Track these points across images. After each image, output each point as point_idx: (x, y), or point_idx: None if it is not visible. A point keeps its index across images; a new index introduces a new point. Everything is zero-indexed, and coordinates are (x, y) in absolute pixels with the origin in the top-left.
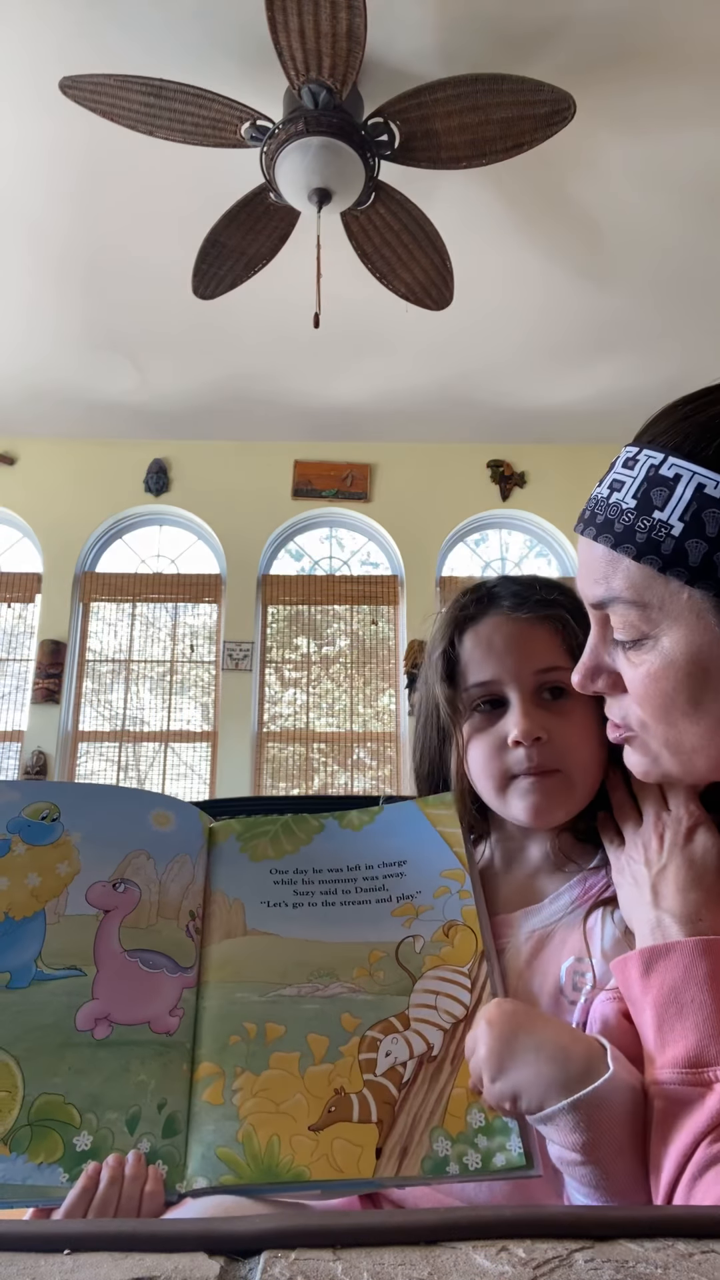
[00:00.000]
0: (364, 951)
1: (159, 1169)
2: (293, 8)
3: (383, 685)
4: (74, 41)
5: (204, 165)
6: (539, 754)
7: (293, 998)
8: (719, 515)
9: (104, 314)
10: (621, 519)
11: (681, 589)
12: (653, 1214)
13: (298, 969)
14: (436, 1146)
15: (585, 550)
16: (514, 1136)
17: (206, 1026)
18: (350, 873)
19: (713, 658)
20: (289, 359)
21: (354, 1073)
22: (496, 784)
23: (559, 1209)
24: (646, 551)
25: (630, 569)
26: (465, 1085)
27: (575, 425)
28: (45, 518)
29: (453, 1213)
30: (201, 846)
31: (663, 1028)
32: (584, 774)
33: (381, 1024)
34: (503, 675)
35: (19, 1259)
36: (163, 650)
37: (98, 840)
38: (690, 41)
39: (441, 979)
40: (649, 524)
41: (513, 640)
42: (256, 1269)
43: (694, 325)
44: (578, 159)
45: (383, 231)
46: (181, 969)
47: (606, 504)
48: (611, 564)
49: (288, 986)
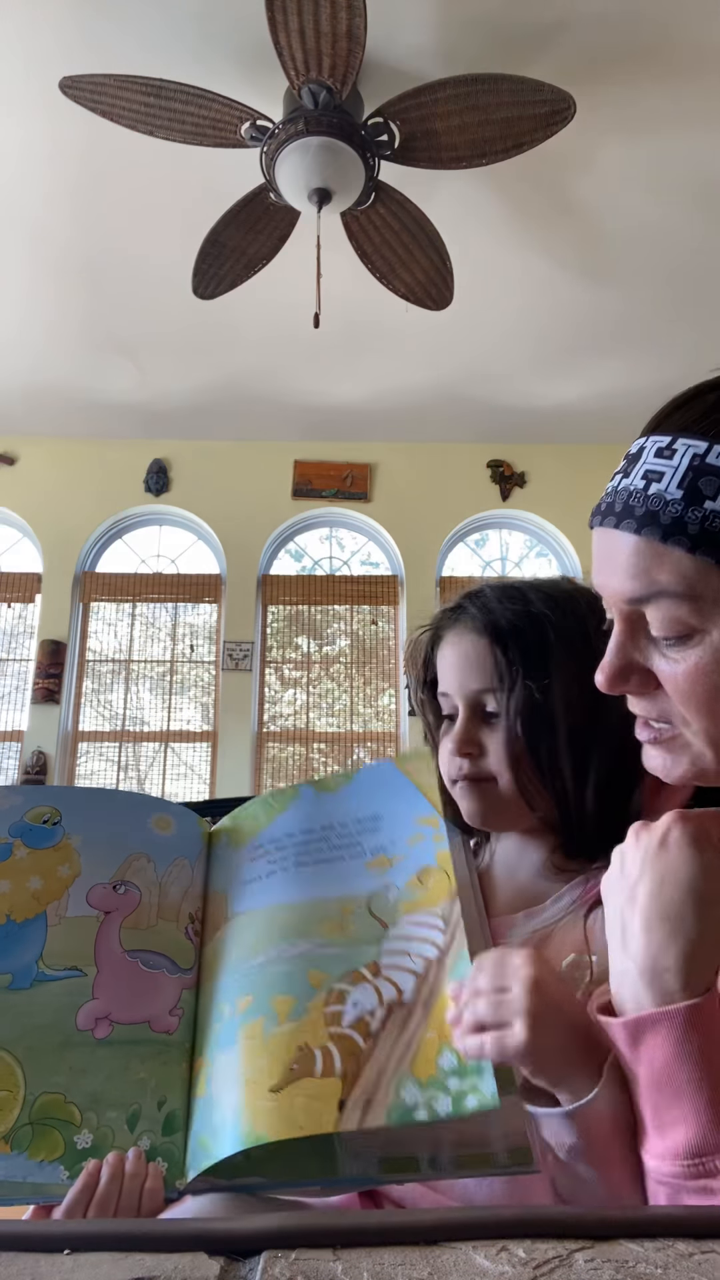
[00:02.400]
0: (335, 907)
1: (159, 1166)
2: (293, 8)
3: (383, 685)
4: (74, 41)
5: (204, 165)
6: (470, 765)
7: (260, 965)
8: None
9: (104, 314)
10: (667, 510)
11: None
12: (653, 1214)
13: (267, 936)
14: (404, 1094)
15: (611, 543)
16: (487, 1077)
17: (198, 1024)
18: (323, 832)
19: None
20: (289, 359)
21: (318, 1027)
22: (448, 784)
23: (559, 1209)
24: (703, 543)
25: (681, 561)
26: (438, 1029)
27: (575, 425)
28: (45, 518)
29: (453, 1213)
30: (201, 851)
31: (658, 1109)
32: (521, 784)
33: (350, 975)
34: (452, 689)
35: (19, 1259)
36: (163, 650)
37: (98, 843)
38: (690, 42)
39: (415, 924)
40: (701, 514)
41: (460, 657)
42: (256, 1269)
43: (694, 325)
44: (578, 159)
45: (383, 231)
46: (181, 970)
47: (645, 496)
48: (656, 557)
49: (257, 956)
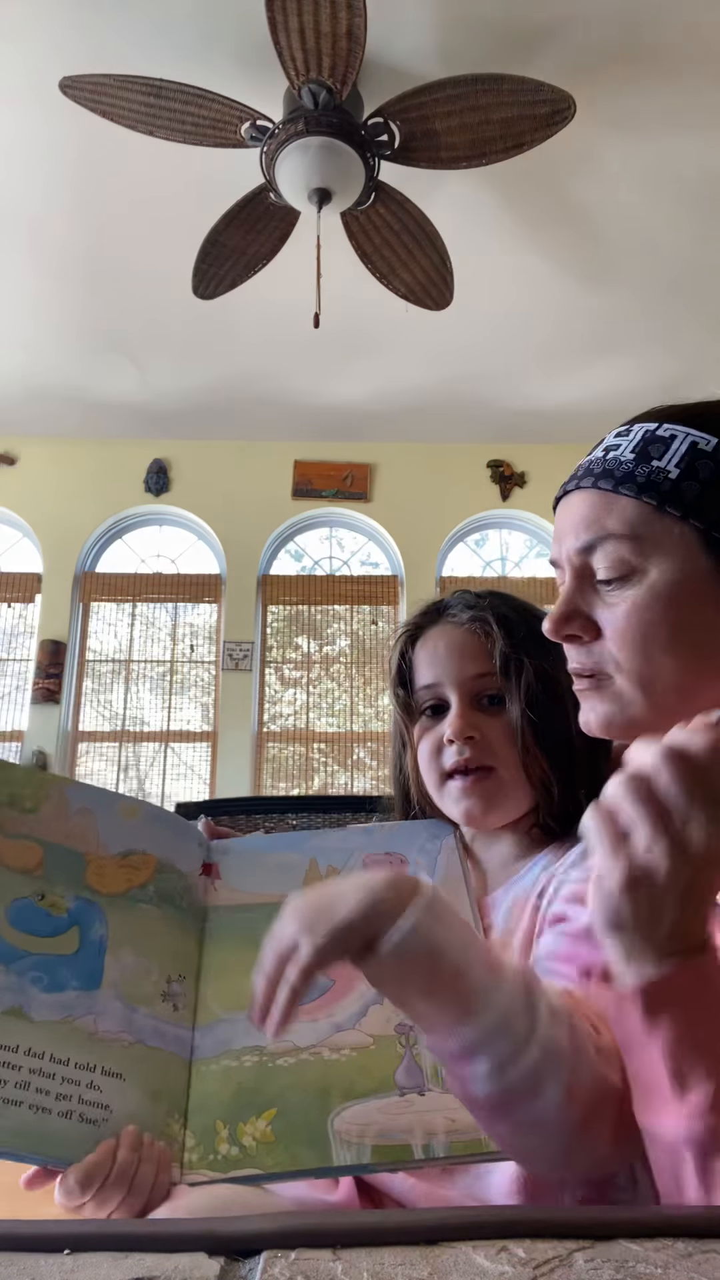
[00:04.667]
0: None
1: (168, 1152)
2: (293, 8)
3: (383, 685)
4: (74, 41)
5: (204, 165)
6: (471, 750)
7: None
8: (710, 465)
9: (104, 314)
10: (620, 468)
11: (675, 523)
12: (653, 1214)
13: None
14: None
15: (571, 505)
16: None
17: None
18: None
19: (695, 590)
20: (289, 359)
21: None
22: (435, 783)
23: (559, 1209)
24: (645, 490)
25: (627, 507)
26: None
27: (575, 425)
28: (45, 518)
29: (453, 1213)
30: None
31: (681, 1069)
32: (516, 772)
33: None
34: (443, 678)
35: (19, 1259)
36: (163, 650)
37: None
38: (690, 42)
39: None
40: (648, 470)
41: (453, 647)
42: (256, 1269)
43: (693, 325)
44: (578, 159)
45: (383, 231)
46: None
47: (603, 461)
48: (606, 506)
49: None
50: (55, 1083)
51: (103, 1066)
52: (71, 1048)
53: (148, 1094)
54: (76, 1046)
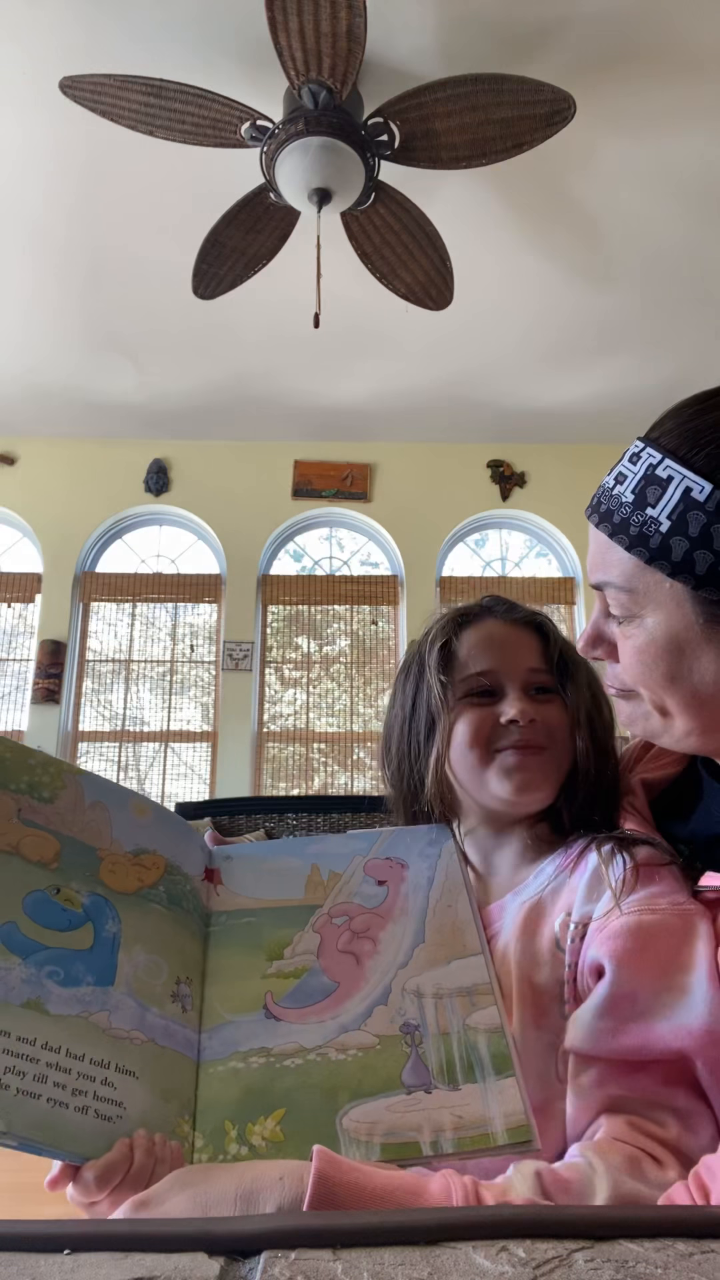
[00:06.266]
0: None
1: (180, 1151)
2: (293, 8)
3: (383, 685)
4: (74, 41)
5: (204, 165)
6: (530, 731)
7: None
8: (701, 518)
9: (104, 314)
10: (620, 511)
11: (664, 580)
12: (653, 1214)
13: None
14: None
15: (592, 536)
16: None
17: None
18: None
19: (687, 640)
20: (289, 359)
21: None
22: (478, 760)
23: (559, 1209)
24: (637, 544)
25: (622, 560)
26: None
27: (575, 425)
28: (45, 518)
29: (453, 1213)
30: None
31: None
32: (564, 758)
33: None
34: (500, 667)
35: (19, 1259)
36: (163, 650)
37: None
38: (690, 42)
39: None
40: (641, 519)
41: (509, 639)
42: (256, 1269)
43: (694, 325)
44: (578, 159)
45: (383, 231)
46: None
47: (610, 495)
48: (606, 553)
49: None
50: (72, 1078)
51: (117, 1064)
52: (87, 1044)
53: (160, 1093)
54: (92, 1043)
